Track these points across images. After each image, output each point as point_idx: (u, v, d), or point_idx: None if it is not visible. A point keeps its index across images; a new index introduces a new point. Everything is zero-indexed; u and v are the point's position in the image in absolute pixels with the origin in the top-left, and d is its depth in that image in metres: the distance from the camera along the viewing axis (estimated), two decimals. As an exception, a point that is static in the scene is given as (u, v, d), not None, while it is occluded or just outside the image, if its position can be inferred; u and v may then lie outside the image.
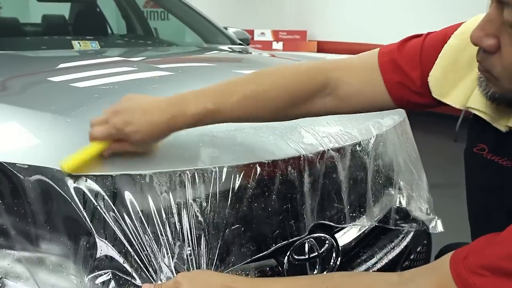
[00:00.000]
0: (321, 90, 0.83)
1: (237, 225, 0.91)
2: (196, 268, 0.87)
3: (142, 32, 3.00)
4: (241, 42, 2.46)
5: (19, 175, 0.83)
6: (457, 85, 0.75)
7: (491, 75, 0.63)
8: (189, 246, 0.88)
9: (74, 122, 0.90)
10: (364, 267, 1.16)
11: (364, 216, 1.13)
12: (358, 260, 1.18)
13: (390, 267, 1.21)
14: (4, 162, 0.83)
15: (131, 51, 1.93)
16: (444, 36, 0.77)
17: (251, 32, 6.71)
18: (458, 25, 0.77)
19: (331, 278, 0.77)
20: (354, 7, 6.81)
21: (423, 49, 0.79)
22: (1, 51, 1.58)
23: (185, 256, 0.87)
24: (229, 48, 2.20)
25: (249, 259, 0.92)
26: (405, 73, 0.80)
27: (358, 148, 1.09)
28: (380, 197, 1.25)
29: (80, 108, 0.94)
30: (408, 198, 1.35)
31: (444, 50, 0.76)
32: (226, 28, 2.61)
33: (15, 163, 0.83)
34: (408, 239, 1.34)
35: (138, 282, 0.84)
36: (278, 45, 7.17)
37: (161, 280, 0.85)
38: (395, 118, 1.30)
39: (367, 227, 1.20)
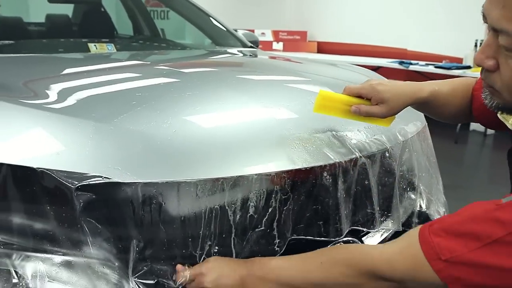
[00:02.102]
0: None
1: (273, 229, 0.94)
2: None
3: (149, 33, 3.01)
4: (252, 45, 2.48)
5: (66, 182, 0.84)
6: None
7: (494, 89, 0.76)
8: (224, 247, 0.91)
9: (117, 130, 0.92)
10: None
11: (390, 220, 1.16)
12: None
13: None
14: (51, 169, 0.85)
15: (151, 55, 1.94)
16: None
17: (252, 32, 6.72)
18: None
19: (323, 252, 0.88)
20: (354, 9, 6.84)
21: None
22: (21, 54, 1.59)
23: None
24: (239, 51, 2.21)
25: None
26: None
27: (387, 154, 1.12)
28: (403, 201, 1.28)
29: (121, 116, 0.96)
30: (428, 201, 1.38)
31: None
32: (236, 30, 2.63)
33: (63, 170, 0.85)
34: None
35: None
36: (278, 46, 7.19)
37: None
38: (417, 125, 1.33)
39: (391, 230, 1.23)
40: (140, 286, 0.87)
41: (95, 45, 1.93)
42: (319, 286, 0.83)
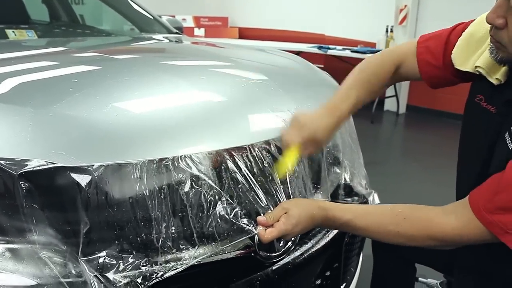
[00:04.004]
0: (395, 70, 1.21)
1: (217, 205, 0.99)
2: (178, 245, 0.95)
3: (67, 19, 2.89)
4: (177, 31, 2.49)
5: (8, 169, 0.84)
6: (470, 58, 1.06)
7: (501, 44, 0.90)
8: (174, 225, 0.95)
9: (57, 116, 0.93)
10: (319, 236, 1.30)
11: (320, 192, 1.27)
12: (313, 232, 1.31)
13: (340, 236, 1.36)
14: (-8, 157, 0.85)
15: (77, 41, 1.90)
16: (464, 27, 1.11)
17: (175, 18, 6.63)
18: (472, 20, 1.11)
19: (398, 208, 1.03)
20: (273, -5, 6.98)
21: (450, 35, 1.12)
22: None
23: (172, 235, 0.95)
24: (165, 37, 2.22)
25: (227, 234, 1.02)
26: (432, 52, 1.14)
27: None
28: (329, 174, 1.39)
29: (60, 102, 0.96)
30: (351, 175, 1.51)
31: (463, 35, 1.09)
32: (160, 16, 2.62)
33: (4, 158, 0.85)
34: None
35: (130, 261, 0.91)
36: (200, 31, 7.17)
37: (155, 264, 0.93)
38: (340, 104, 1.44)
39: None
40: (90, 268, 0.89)
41: (13, 32, 1.85)
42: (391, 233, 1.00)
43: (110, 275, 0.88)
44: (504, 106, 0.98)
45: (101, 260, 0.89)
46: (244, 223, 0.99)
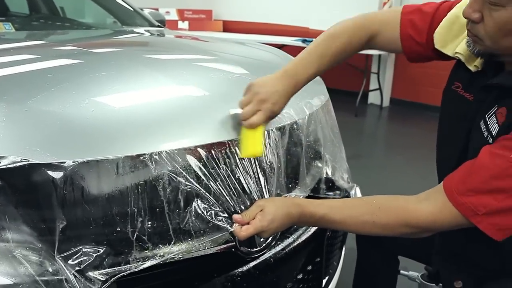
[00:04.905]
0: (368, 40, 1.15)
1: (194, 202, 0.98)
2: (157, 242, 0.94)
3: (47, 11, 2.84)
4: (159, 24, 2.46)
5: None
6: (452, 41, 1.06)
7: (477, 37, 0.92)
8: (151, 222, 0.94)
9: (32, 111, 0.91)
10: (300, 231, 1.30)
11: (298, 187, 1.27)
12: (295, 226, 1.31)
13: (322, 230, 1.37)
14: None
15: (56, 34, 1.86)
16: (450, 6, 1.08)
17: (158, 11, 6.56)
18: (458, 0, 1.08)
19: (372, 199, 1.03)
20: (258, -13, 6.95)
21: (436, 13, 1.09)
22: None
23: (149, 231, 0.94)
24: (146, 30, 2.19)
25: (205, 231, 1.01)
26: (417, 27, 1.10)
27: (295, 126, 1.22)
28: (311, 169, 1.39)
29: (35, 97, 0.94)
30: (333, 169, 1.51)
31: (448, 15, 1.06)
32: (142, 9, 2.59)
33: (-23, 155, 0.83)
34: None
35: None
36: (183, 25, 7.10)
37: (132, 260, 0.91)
38: (321, 98, 1.44)
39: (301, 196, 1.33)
40: (66, 266, 0.88)
41: (-10, 24, 1.81)
42: (367, 223, 1.01)
43: (87, 272, 0.87)
44: (480, 93, 1.00)
45: (77, 257, 0.88)
46: (219, 221, 0.99)
